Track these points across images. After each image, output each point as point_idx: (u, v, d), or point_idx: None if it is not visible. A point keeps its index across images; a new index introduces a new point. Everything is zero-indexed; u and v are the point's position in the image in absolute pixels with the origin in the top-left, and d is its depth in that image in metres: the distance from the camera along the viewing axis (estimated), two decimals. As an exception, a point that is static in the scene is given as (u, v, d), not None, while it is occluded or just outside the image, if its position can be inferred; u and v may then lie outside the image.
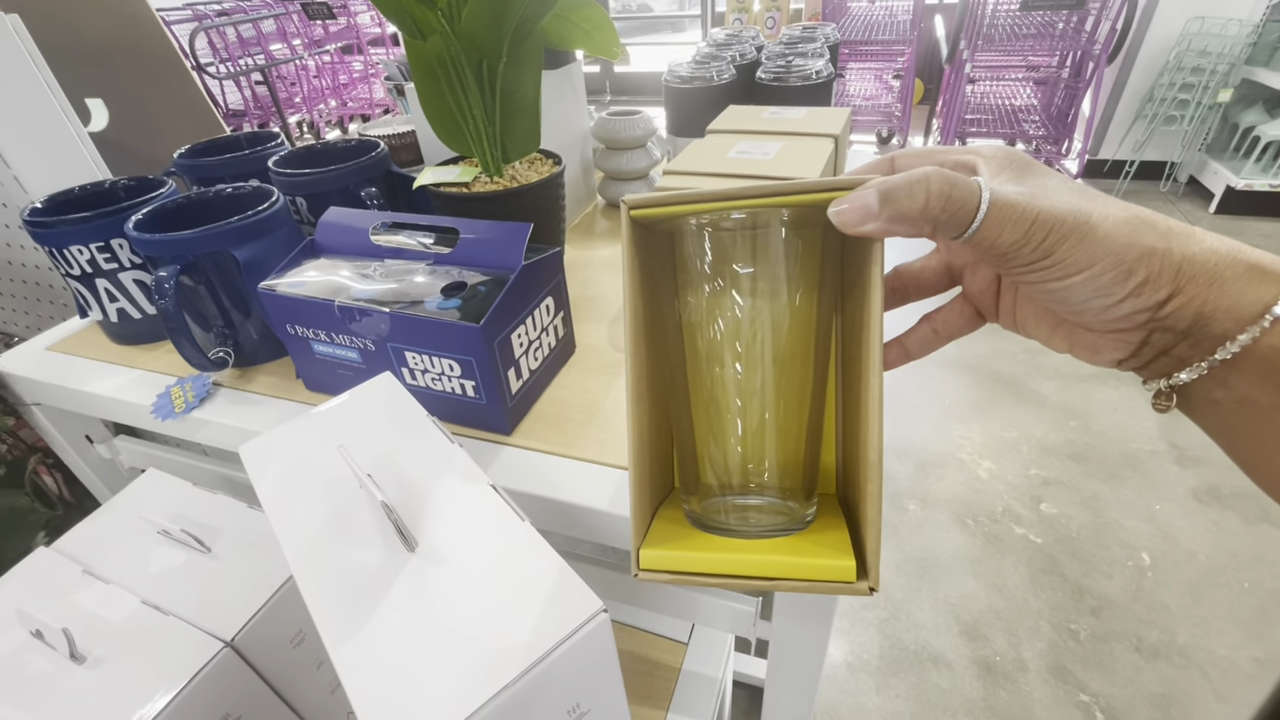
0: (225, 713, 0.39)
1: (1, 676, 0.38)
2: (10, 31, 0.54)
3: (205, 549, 0.44)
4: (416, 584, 0.24)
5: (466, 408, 0.43)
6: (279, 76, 3.77)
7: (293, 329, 0.45)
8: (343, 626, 0.23)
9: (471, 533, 0.26)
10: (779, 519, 0.27)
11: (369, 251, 0.46)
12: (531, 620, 0.22)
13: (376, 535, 0.26)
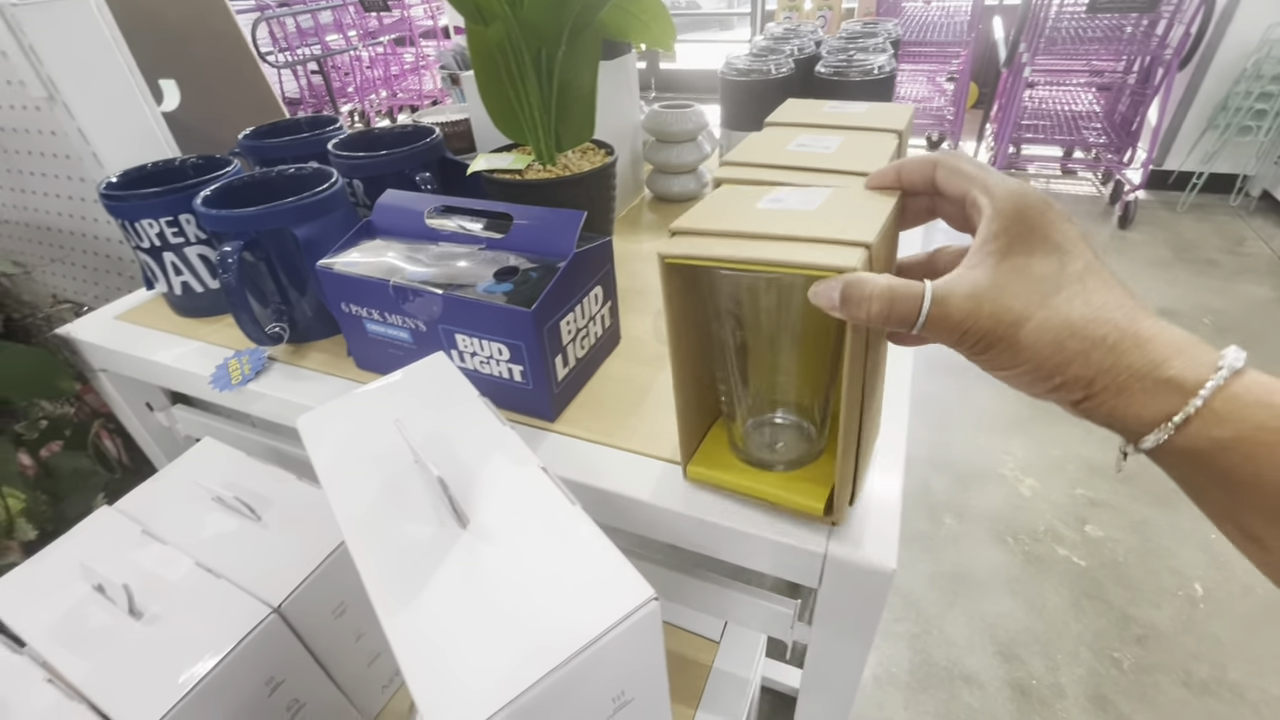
0: (270, 676, 0.41)
1: (66, 626, 0.39)
2: (94, 13, 0.57)
3: (256, 517, 0.46)
4: (468, 560, 0.24)
5: (513, 392, 0.43)
6: (333, 66, 3.88)
7: (347, 307, 0.46)
8: (395, 598, 0.23)
9: (522, 513, 0.26)
10: (797, 442, 0.37)
11: (424, 234, 0.47)
12: (582, 604, 0.22)
13: (429, 510, 0.26)
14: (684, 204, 0.75)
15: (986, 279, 0.23)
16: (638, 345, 0.51)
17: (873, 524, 0.35)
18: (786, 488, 0.36)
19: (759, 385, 0.36)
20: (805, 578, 0.36)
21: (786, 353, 0.35)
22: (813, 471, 0.36)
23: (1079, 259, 0.23)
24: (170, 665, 0.37)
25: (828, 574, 0.34)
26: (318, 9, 3.79)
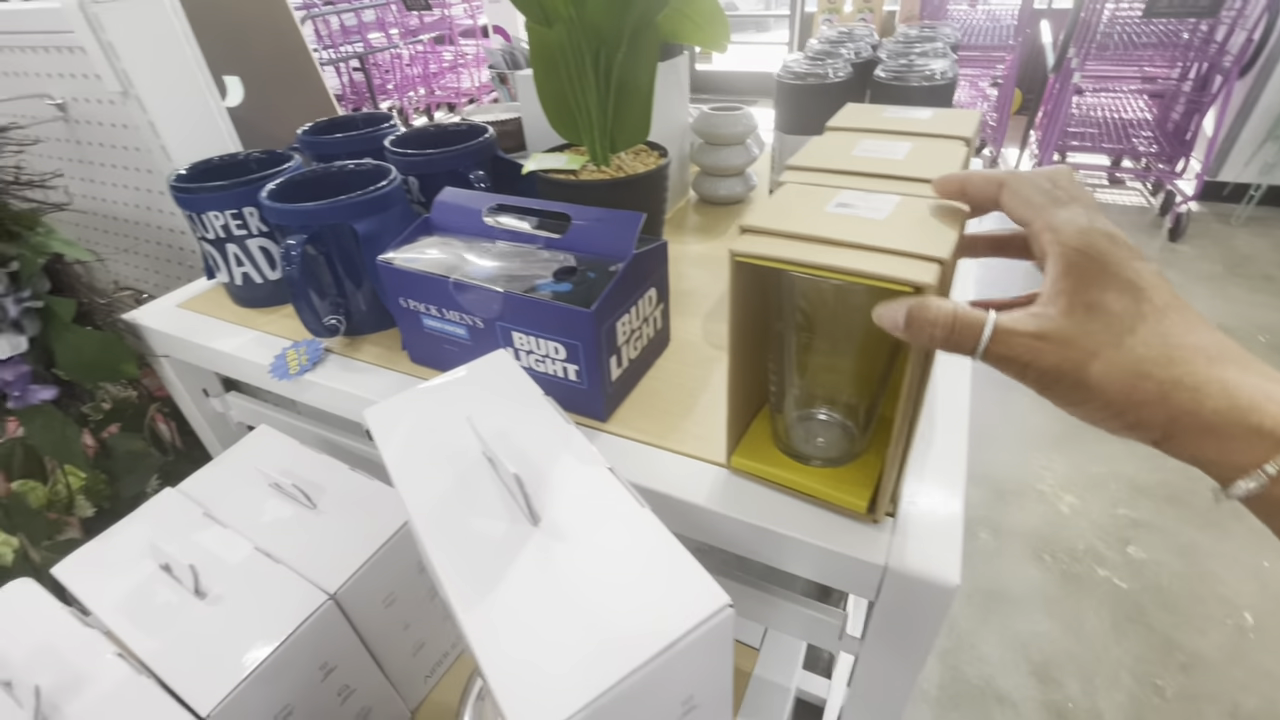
0: (324, 661, 0.42)
1: (134, 602, 0.41)
2: (169, 11, 0.59)
3: (311, 504, 0.47)
4: (541, 558, 0.24)
5: (566, 391, 0.43)
6: (374, 64, 3.95)
7: (405, 302, 0.47)
8: (471, 592, 0.23)
9: (592, 513, 0.26)
10: (839, 440, 0.37)
11: (482, 232, 0.48)
12: (658, 607, 0.22)
13: (499, 506, 0.27)
14: (730, 207, 0.75)
15: (1055, 317, 0.23)
16: (687, 347, 0.51)
17: (935, 537, 0.34)
18: (828, 483, 0.36)
19: (811, 381, 0.37)
20: (862, 589, 0.35)
21: (842, 354, 0.35)
22: (853, 471, 0.36)
23: (1157, 297, 0.22)
24: (233, 646, 0.38)
25: (886, 586, 0.34)
26: (361, 7, 3.87)
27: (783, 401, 0.37)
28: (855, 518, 0.35)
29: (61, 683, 0.36)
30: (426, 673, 0.52)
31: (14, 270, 0.52)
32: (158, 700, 0.35)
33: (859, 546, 0.34)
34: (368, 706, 0.46)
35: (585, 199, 0.52)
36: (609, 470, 0.28)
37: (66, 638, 0.39)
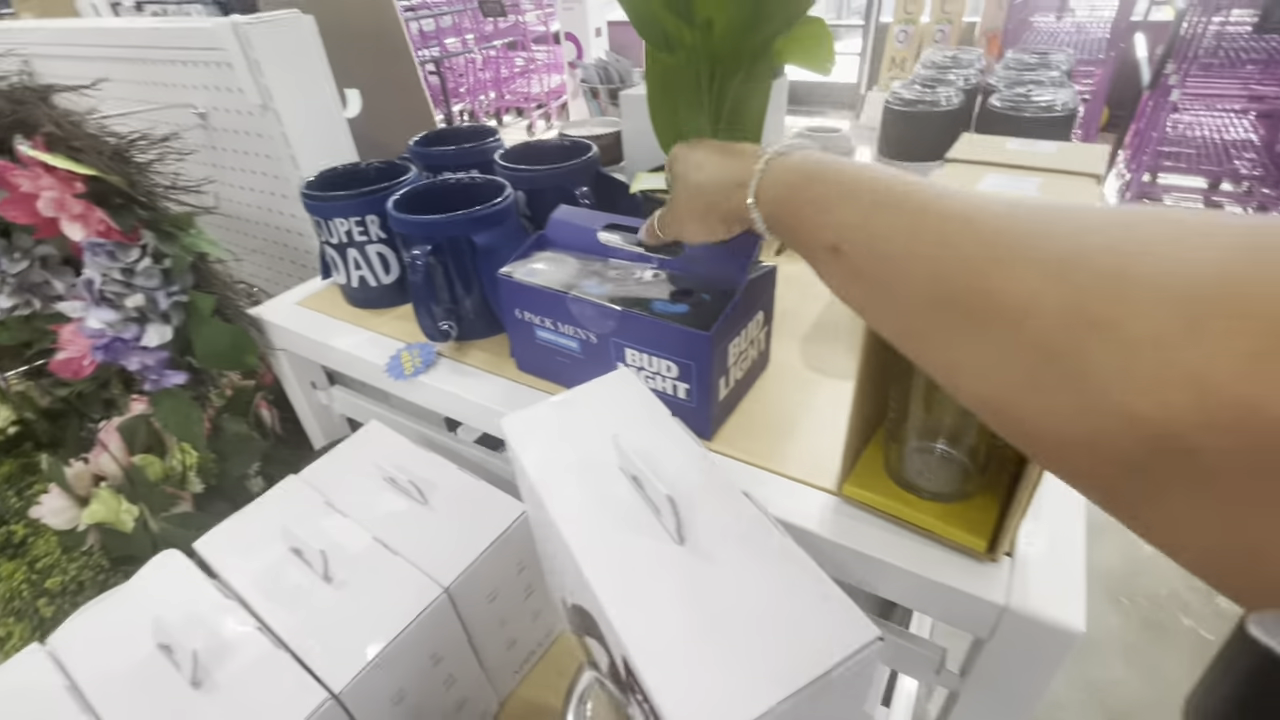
0: (434, 650, 0.44)
1: (268, 580, 0.44)
2: (308, 31, 0.63)
3: (423, 500, 0.49)
4: (690, 578, 0.25)
5: (674, 408, 0.44)
6: (449, 68, 4.10)
7: (520, 313, 0.49)
8: (627, 604, 0.25)
9: (735, 537, 0.27)
10: (954, 476, 0.37)
11: (595, 250, 0.49)
12: (811, 635, 0.23)
13: (644, 523, 0.28)
14: (820, 227, 0.75)
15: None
16: (786, 370, 0.51)
17: (1057, 579, 0.34)
18: (945, 519, 0.36)
19: (936, 415, 0.37)
20: (974, 626, 0.35)
21: None
22: (969, 508, 0.36)
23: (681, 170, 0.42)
24: (359, 630, 0.41)
25: (1003, 626, 0.34)
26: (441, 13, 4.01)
27: (901, 432, 0.37)
28: (971, 554, 0.35)
29: (210, 649, 0.39)
30: (515, 668, 0.54)
31: (166, 267, 0.57)
32: (295, 674, 0.38)
33: (977, 584, 0.34)
34: (465, 697, 0.49)
35: (692, 219, 0.53)
36: (745, 495, 0.29)
37: (211, 608, 0.42)
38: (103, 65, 0.74)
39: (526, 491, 0.35)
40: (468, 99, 4.24)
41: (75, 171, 0.51)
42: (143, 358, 0.63)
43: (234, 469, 0.87)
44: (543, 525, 0.34)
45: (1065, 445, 0.18)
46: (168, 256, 0.57)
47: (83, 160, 0.51)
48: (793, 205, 0.31)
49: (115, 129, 0.56)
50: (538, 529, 0.37)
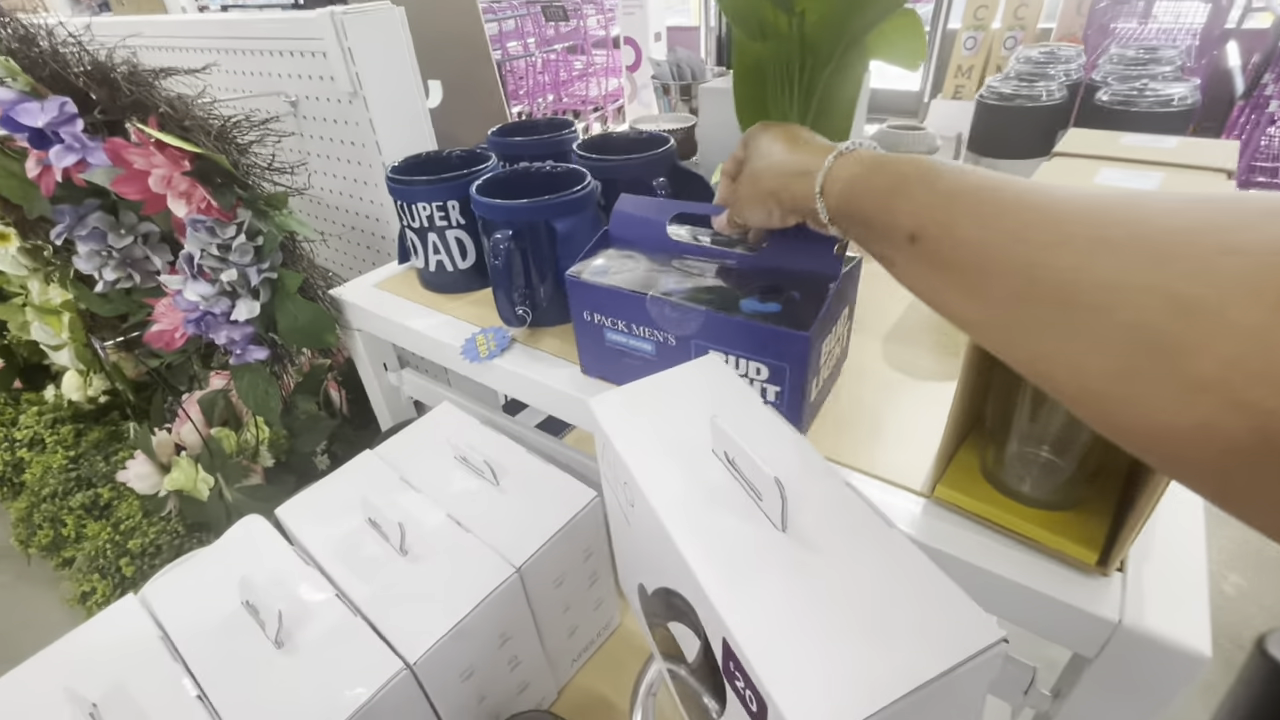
0: (502, 630, 0.44)
1: (346, 550, 0.45)
2: (398, 22, 0.65)
3: (495, 480, 0.50)
4: (797, 567, 0.24)
5: None
6: (509, 70, 4.19)
7: (590, 315, 0.47)
8: (733, 592, 0.24)
9: (842, 528, 0.26)
10: (1059, 483, 0.35)
11: (666, 246, 0.48)
12: (930, 632, 0.22)
13: (743, 508, 0.27)
14: (896, 227, 0.72)
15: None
16: (868, 369, 0.50)
17: (1178, 597, 0.31)
18: (1050, 528, 0.34)
19: (1044, 420, 0.35)
20: (1080, 644, 0.33)
21: None
22: (1076, 517, 0.34)
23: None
24: (433, 604, 0.41)
25: (1114, 645, 0.31)
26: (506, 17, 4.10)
27: (1004, 435, 0.35)
28: (1078, 566, 0.33)
29: (291, 612, 0.40)
30: (574, 656, 0.54)
31: (259, 244, 0.59)
32: (371, 642, 0.39)
33: (1085, 598, 0.32)
34: (528, 681, 0.49)
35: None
36: (848, 485, 0.28)
37: (292, 573, 0.43)
38: (204, 56, 0.78)
39: (611, 473, 0.35)
40: (526, 101, 4.31)
41: (184, 149, 0.53)
42: (230, 331, 0.65)
43: (303, 445, 0.90)
44: (625, 507, 0.34)
45: (1168, 436, 0.17)
46: (261, 234, 0.59)
47: (191, 139, 0.54)
48: (866, 193, 0.30)
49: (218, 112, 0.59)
50: (617, 512, 0.37)
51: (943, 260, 0.24)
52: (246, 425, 0.89)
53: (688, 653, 0.29)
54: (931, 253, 0.25)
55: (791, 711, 0.20)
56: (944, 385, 0.47)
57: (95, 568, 0.88)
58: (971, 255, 0.23)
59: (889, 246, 0.27)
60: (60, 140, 0.59)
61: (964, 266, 0.23)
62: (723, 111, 0.70)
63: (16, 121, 0.57)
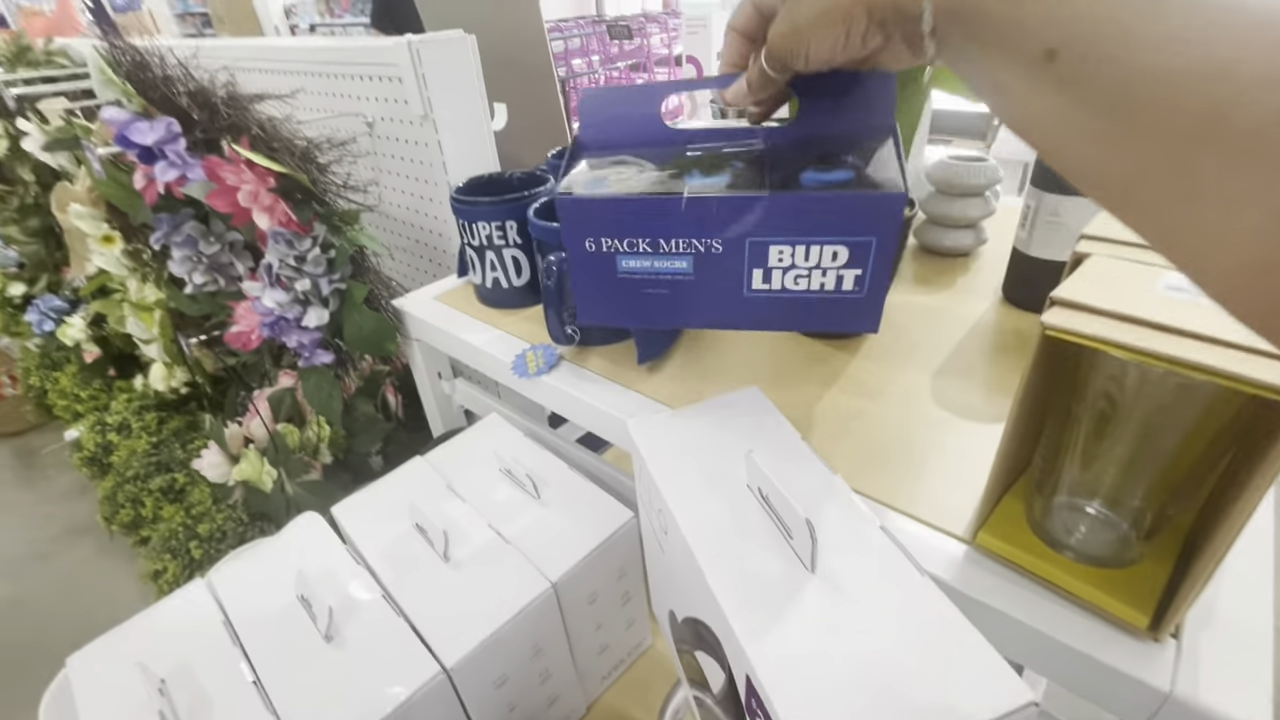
0: (535, 642, 0.45)
1: (393, 552, 0.47)
2: (469, 51, 0.69)
3: (536, 494, 0.51)
4: (823, 608, 0.25)
5: (832, 306, 0.36)
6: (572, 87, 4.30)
7: (594, 244, 0.37)
8: (756, 627, 0.24)
9: (870, 571, 0.26)
10: (1109, 540, 0.33)
11: (662, 137, 0.38)
12: (955, 687, 0.22)
13: (772, 545, 0.28)
14: (953, 259, 0.71)
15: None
16: (913, 405, 0.49)
17: (1236, 670, 0.30)
18: (1098, 585, 0.32)
19: (1094, 473, 0.33)
20: (1125, 711, 0.31)
21: (1145, 450, 0.31)
22: (1128, 576, 0.33)
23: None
24: (471, 610, 0.43)
25: (1163, 717, 0.30)
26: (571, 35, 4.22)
27: (1050, 485, 0.34)
28: (1127, 629, 0.32)
29: (341, 608, 0.43)
30: (604, 674, 0.55)
31: (331, 257, 0.63)
32: (411, 644, 0.41)
33: (1134, 664, 0.30)
34: (557, 694, 0.50)
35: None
36: (881, 529, 0.28)
37: (344, 571, 0.46)
38: (293, 79, 0.84)
39: (646, 496, 0.36)
40: (588, 117, 4.42)
41: (270, 168, 0.58)
42: (300, 336, 0.70)
43: (360, 446, 0.94)
44: (659, 533, 0.34)
45: None
46: (334, 248, 0.63)
47: (277, 159, 0.58)
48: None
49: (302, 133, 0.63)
50: (651, 536, 0.37)
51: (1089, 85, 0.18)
52: (309, 423, 0.94)
53: (713, 684, 0.30)
54: (1073, 76, 0.19)
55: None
56: (993, 427, 0.45)
57: (168, 548, 0.95)
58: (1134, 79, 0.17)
59: (1010, 66, 0.21)
60: (165, 157, 0.65)
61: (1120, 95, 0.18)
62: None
63: (129, 139, 0.63)
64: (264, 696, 0.39)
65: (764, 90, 0.34)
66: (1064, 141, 0.20)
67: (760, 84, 0.33)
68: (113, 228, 0.94)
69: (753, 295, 0.37)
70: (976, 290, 0.64)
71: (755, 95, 0.34)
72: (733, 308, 0.38)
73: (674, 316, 0.39)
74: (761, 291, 0.37)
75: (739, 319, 0.38)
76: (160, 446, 1.16)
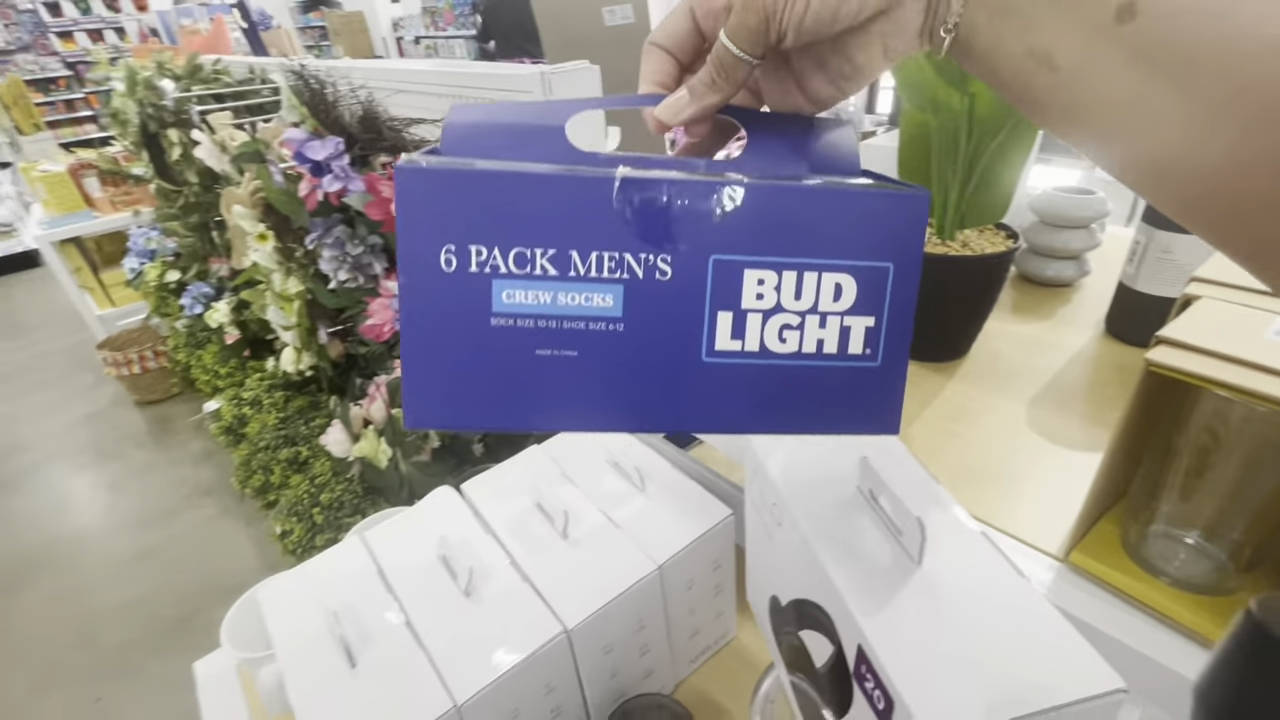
0: (639, 618, 0.50)
1: (517, 526, 0.54)
2: (595, 80, 0.76)
3: (641, 486, 0.57)
4: (926, 591, 0.28)
5: (833, 387, 0.24)
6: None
7: (454, 255, 0.22)
8: (867, 602, 0.28)
9: (973, 571, 0.29)
10: (1206, 569, 0.34)
11: (565, 158, 0.25)
12: (1052, 670, 0.25)
13: (881, 539, 0.31)
14: (1053, 289, 0.71)
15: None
16: (1009, 430, 0.51)
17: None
18: (1194, 611, 0.34)
19: (1193, 506, 0.35)
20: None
21: (1250, 485, 0.33)
22: (1223, 603, 0.34)
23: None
24: (587, 583, 0.48)
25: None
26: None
27: (1148, 514, 0.36)
28: None
29: (476, 569, 0.49)
30: (692, 657, 0.59)
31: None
32: (538, 609, 0.47)
33: (1226, 686, 0.32)
34: (652, 668, 0.55)
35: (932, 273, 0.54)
36: (984, 535, 0.31)
37: (477, 538, 0.53)
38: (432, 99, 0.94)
39: (759, 494, 0.40)
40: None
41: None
42: (430, 331, 0.78)
43: (465, 434, 1.03)
44: (770, 526, 0.39)
45: None
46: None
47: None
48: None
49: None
50: (760, 530, 0.42)
51: (1176, 57, 0.15)
52: (421, 410, 1.04)
53: (817, 659, 0.34)
54: (1154, 42, 0.15)
55: (916, 706, 0.24)
56: (1089, 456, 0.47)
57: (294, 512, 1.07)
58: (1229, 40, 0.14)
59: (1067, 31, 0.17)
60: (331, 171, 0.75)
61: (1216, 74, 0.14)
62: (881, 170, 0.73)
63: (304, 155, 0.74)
64: (415, 636, 0.45)
65: (712, 93, 0.23)
66: (1129, 122, 0.16)
67: (710, 80, 0.23)
68: (268, 228, 1.08)
69: (715, 363, 0.24)
70: (1077, 322, 0.65)
71: (698, 103, 0.24)
72: (681, 387, 0.24)
73: (584, 406, 0.24)
74: (729, 356, 0.24)
75: (689, 410, 0.24)
76: (287, 422, 1.30)
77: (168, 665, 1.44)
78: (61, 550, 1.83)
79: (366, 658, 0.44)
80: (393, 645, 0.45)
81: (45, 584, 1.72)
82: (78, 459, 2.20)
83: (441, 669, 0.43)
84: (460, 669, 0.43)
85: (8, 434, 2.38)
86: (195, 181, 1.42)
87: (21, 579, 1.75)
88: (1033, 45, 0.18)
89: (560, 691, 0.47)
